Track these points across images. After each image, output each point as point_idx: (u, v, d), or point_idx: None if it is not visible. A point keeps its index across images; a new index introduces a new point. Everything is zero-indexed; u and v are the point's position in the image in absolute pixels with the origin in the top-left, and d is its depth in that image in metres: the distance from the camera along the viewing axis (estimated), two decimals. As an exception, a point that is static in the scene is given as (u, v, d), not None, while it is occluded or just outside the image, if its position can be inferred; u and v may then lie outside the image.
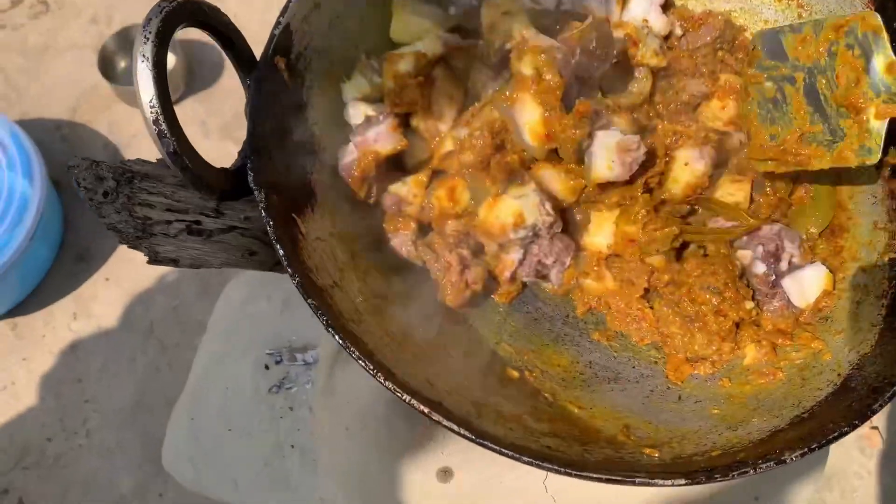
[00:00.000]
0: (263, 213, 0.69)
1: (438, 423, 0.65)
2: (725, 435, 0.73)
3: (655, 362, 0.85)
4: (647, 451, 0.73)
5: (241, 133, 0.80)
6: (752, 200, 0.88)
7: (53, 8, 2.17)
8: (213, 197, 0.68)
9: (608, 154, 0.80)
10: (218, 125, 2.06)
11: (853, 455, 1.71)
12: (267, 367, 1.49)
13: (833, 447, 1.76)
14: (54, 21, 2.14)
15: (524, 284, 0.90)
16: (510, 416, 0.76)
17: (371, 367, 0.65)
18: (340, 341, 0.65)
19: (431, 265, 0.83)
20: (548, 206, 0.83)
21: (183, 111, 2.21)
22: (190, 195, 0.78)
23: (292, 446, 1.46)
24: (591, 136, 0.81)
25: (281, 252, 0.68)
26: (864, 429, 1.71)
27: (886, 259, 0.79)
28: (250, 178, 0.70)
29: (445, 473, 1.00)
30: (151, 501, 1.65)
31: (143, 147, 2.11)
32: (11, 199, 1.68)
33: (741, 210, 0.87)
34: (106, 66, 2.09)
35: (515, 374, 0.83)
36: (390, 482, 1.03)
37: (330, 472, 1.17)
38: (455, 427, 0.64)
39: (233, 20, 0.74)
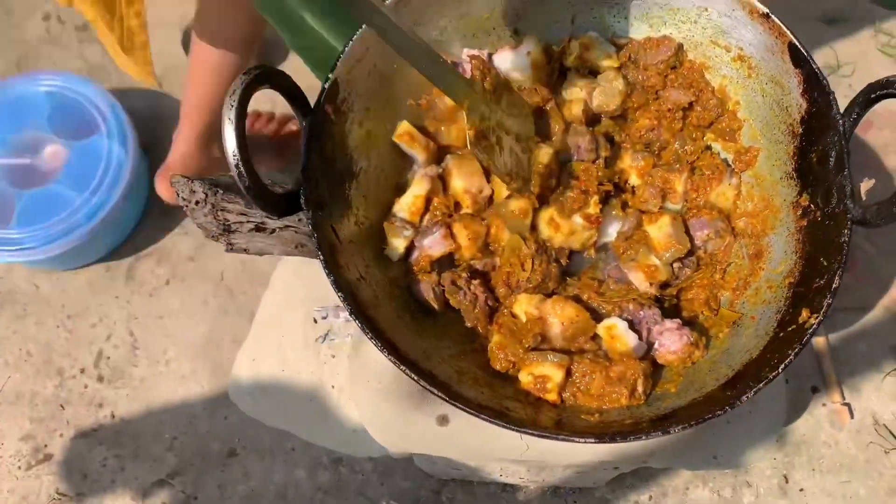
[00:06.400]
0: (310, 227, 0.95)
1: (424, 387, 0.91)
2: (641, 409, 0.97)
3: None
4: (584, 416, 0.99)
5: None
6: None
7: (145, -14, 2.42)
8: (275, 214, 0.94)
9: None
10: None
11: (824, 426, 1.92)
12: (315, 321, 1.80)
13: (804, 419, 1.98)
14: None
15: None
16: (483, 381, 1.01)
17: (380, 345, 0.91)
18: (359, 325, 0.92)
19: (458, 300, 1.07)
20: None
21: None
22: (258, 205, 1.05)
23: (332, 387, 1.78)
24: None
25: (321, 257, 0.94)
26: (836, 405, 1.92)
27: (786, 282, 1.01)
28: (302, 201, 0.96)
29: (443, 419, 1.27)
30: (219, 422, 1.98)
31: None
32: (109, 164, 1.98)
33: None
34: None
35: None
36: (400, 424, 1.31)
37: (358, 411, 1.46)
38: (434, 390, 0.91)
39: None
